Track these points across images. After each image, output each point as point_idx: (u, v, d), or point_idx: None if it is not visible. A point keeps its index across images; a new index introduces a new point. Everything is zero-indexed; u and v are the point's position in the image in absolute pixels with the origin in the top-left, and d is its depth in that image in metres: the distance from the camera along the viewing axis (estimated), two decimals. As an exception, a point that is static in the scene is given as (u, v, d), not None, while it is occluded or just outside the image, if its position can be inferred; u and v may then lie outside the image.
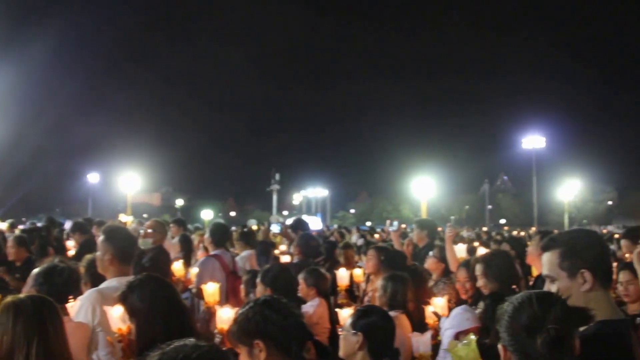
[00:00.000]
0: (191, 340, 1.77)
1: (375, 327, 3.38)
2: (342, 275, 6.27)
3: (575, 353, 1.96)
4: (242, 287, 5.83)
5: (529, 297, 2.01)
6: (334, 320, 5.27)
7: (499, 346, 2.02)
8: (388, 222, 13.04)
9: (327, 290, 5.82)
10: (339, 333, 3.50)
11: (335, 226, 29.08)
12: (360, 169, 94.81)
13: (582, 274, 2.38)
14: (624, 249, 5.85)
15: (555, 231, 9.85)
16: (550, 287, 2.43)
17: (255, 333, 2.74)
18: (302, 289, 5.55)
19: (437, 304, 4.88)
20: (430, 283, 6.17)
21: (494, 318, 2.11)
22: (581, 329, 2.17)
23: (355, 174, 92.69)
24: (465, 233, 27.07)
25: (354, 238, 22.61)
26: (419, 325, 4.88)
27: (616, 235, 14.09)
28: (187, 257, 7.87)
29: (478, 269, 4.49)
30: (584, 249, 2.42)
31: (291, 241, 9.31)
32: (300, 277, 5.59)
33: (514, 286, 4.43)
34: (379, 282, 5.19)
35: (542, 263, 2.51)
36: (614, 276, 4.42)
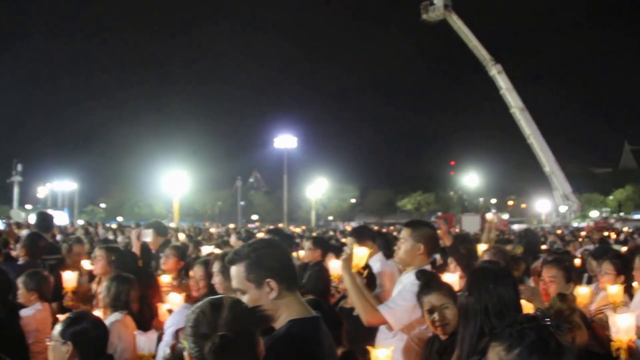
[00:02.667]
0: None
1: (85, 334, 3.24)
2: (68, 277, 5.92)
3: (258, 353, 2.05)
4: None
5: (205, 304, 2.06)
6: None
7: (185, 354, 2.04)
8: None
9: (49, 294, 5.48)
10: (47, 344, 3.30)
11: (81, 222, 27.69)
12: (112, 162, 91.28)
13: (268, 283, 2.49)
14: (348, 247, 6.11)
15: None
16: (242, 300, 2.52)
17: None
18: (22, 294, 5.18)
19: (173, 301, 4.85)
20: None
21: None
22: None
23: (107, 167, 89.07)
24: (214, 229, 27.31)
25: (101, 234, 21.74)
26: (147, 324, 4.80)
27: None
28: None
29: (215, 266, 4.43)
30: (267, 260, 2.53)
31: (17, 239, 8.63)
32: (20, 282, 5.21)
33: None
34: (104, 283, 5.01)
35: (232, 277, 2.58)
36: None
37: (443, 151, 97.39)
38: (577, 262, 8.71)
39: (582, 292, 4.82)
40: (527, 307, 3.97)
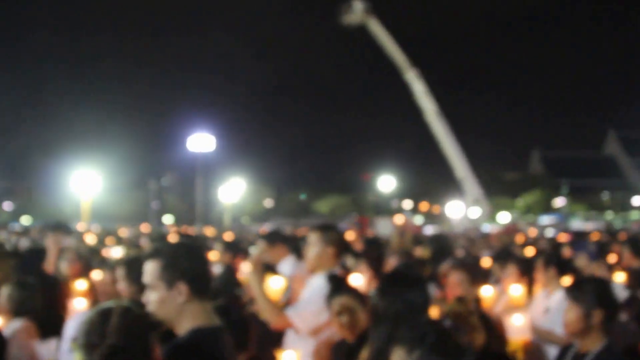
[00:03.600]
0: None
1: None
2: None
3: None
4: None
5: (94, 312, 2.01)
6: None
7: None
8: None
9: None
10: None
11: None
12: (19, 160, 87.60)
13: (179, 287, 2.45)
14: (260, 250, 6.02)
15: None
16: (149, 296, 2.47)
17: None
18: None
19: (78, 307, 4.71)
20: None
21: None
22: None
23: (12, 165, 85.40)
24: (125, 231, 26.67)
25: (3, 236, 20.87)
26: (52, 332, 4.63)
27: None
28: None
29: (119, 272, 4.30)
30: (183, 262, 2.49)
31: None
32: None
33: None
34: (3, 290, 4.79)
35: (145, 271, 2.53)
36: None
37: (359, 154, 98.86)
38: (487, 264, 8.96)
39: (486, 294, 4.96)
40: (433, 310, 4.07)
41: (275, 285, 4.34)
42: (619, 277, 6.31)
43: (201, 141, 59.77)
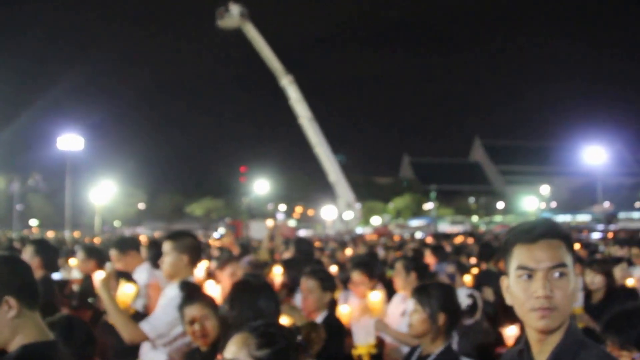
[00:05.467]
0: None
1: None
2: None
3: None
4: None
5: None
6: None
7: None
8: None
9: None
10: None
11: None
12: None
13: (7, 301, 2.34)
14: (113, 259, 5.76)
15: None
16: None
17: None
18: None
19: None
20: None
21: None
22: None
23: None
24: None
25: None
26: None
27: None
28: None
29: None
30: (6, 275, 2.37)
31: None
32: None
33: None
34: None
35: None
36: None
37: (234, 156, 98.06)
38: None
39: (375, 298, 4.93)
40: (286, 321, 4.13)
41: (126, 292, 4.25)
42: (467, 279, 6.64)
43: (70, 142, 56.95)
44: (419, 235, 35.10)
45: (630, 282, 6.15)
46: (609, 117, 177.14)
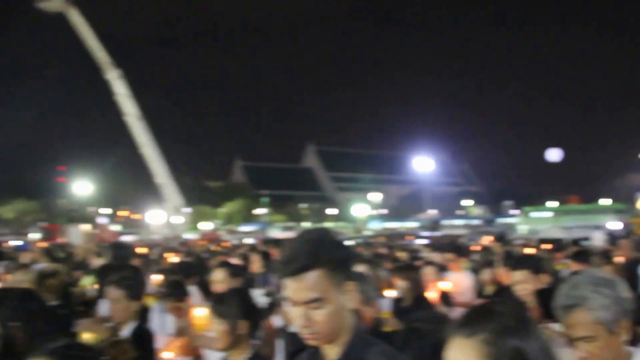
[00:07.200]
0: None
1: None
2: None
3: None
4: None
5: None
6: None
7: None
8: None
9: None
10: None
11: None
12: None
13: None
14: None
15: None
16: None
17: None
18: None
19: None
20: None
21: None
22: None
23: None
24: None
25: None
26: None
27: None
28: None
29: None
30: None
31: None
32: None
33: None
34: None
35: None
36: None
37: (51, 156, 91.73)
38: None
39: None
40: (87, 336, 3.78)
41: None
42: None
43: None
44: (249, 241, 35.06)
45: (443, 286, 6.37)
46: (436, 129, 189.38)
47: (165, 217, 66.65)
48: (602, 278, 2.38)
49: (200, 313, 4.70)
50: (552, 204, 68.46)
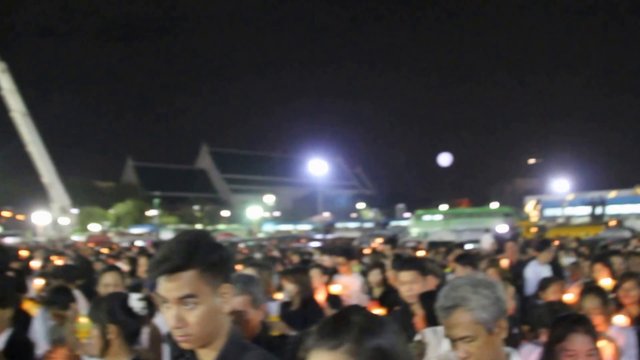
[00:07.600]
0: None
1: None
2: None
3: None
4: None
5: None
6: None
7: None
8: None
9: None
10: None
11: None
12: None
13: None
14: None
15: None
16: None
17: None
18: None
19: None
20: None
21: None
22: None
23: None
24: None
25: None
26: None
27: None
28: None
29: None
30: None
31: None
32: None
33: None
34: None
35: None
36: None
37: None
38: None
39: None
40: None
41: None
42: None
43: None
44: (139, 243, 34.19)
45: (332, 289, 6.42)
46: (331, 132, 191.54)
47: (51, 218, 63.96)
48: (482, 280, 2.45)
49: (84, 319, 4.56)
50: (444, 207, 70.68)
